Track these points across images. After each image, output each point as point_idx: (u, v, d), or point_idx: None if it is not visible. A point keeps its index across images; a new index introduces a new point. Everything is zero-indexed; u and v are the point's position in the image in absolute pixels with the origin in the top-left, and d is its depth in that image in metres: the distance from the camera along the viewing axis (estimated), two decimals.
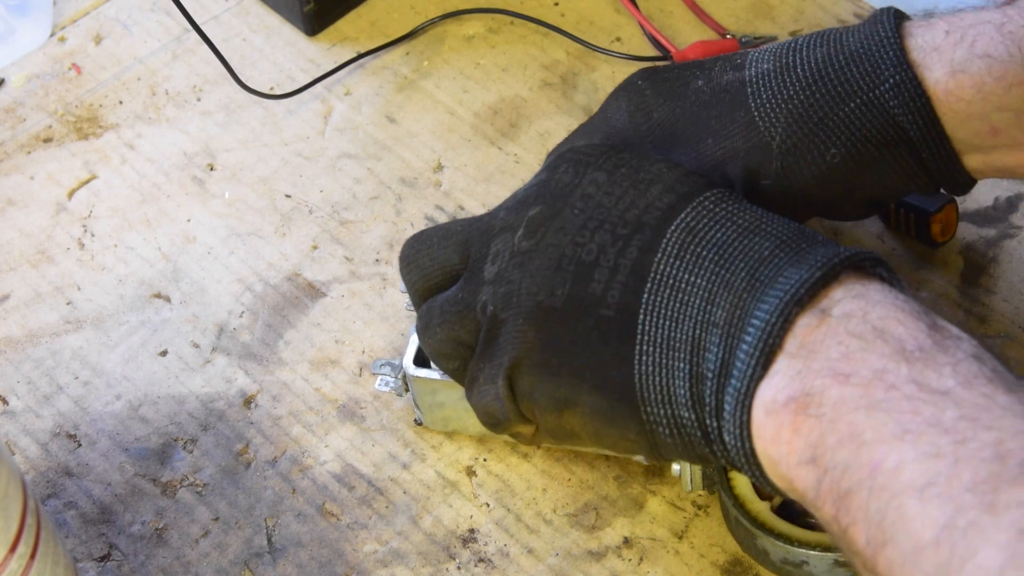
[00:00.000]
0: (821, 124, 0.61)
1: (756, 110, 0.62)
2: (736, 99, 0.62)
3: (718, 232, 0.55)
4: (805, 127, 0.61)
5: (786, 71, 0.62)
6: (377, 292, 0.76)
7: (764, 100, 0.62)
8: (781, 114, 0.61)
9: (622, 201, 0.57)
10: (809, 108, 0.61)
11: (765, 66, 0.62)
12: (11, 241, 0.79)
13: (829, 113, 0.61)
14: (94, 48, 0.88)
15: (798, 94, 0.61)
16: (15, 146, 0.83)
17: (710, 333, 0.53)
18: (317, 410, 0.71)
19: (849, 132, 0.60)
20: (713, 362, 0.53)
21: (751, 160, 0.61)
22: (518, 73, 0.85)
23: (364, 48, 0.86)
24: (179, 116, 0.84)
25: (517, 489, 0.68)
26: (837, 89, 0.61)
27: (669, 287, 0.54)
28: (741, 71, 0.63)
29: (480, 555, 0.66)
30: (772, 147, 0.61)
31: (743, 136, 0.62)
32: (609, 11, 0.87)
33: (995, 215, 0.76)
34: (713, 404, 0.53)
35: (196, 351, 0.74)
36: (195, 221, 0.79)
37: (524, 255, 0.57)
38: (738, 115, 0.62)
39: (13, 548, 0.57)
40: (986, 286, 0.73)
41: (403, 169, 0.81)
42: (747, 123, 0.62)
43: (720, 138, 0.62)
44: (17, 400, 0.73)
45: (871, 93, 0.60)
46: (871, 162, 0.61)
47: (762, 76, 0.62)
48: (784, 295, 0.51)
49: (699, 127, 0.63)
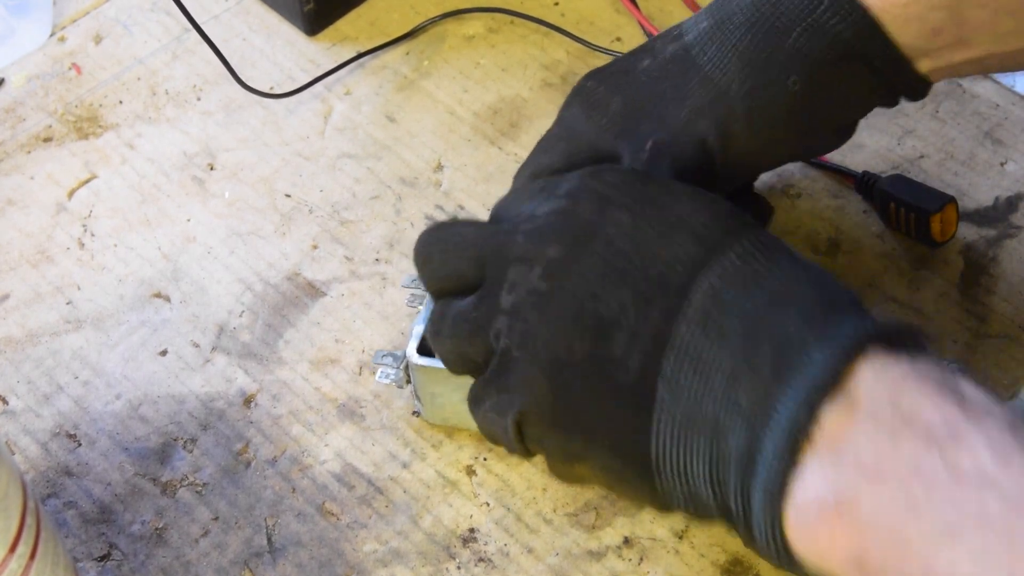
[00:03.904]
0: (771, 58, 0.61)
1: (708, 66, 0.62)
2: (685, 64, 0.63)
3: (744, 301, 0.52)
4: (758, 65, 0.62)
5: (723, 21, 0.63)
6: (377, 291, 0.76)
7: (712, 55, 0.62)
8: (732, 62, 0.62)
9: (646, 251, 0.54)
10: (755, 47, 0.62)
11: (703, 25, 0.63)
12: (11, 241, 0.79)
13: (776, 47, 0.61)
14: (94, 48, 0.88)
15: (742, 39, 0.62)
16: (15, 146, 0.83)
17: (733, 416, 0.51)
18: (317, 409, 0.71)
19: (800, 59, 0.61)
20: (736, 448, 0.51)
21: (716, 111, 0.62)
22: (518, 73, 0.85)
23: (364, 48, 0.86)
24: (179, 116, 0.84)
25: (517, 488, 0.68)
26: (776, 23, 0.62)
27: (691, 360, 0.52)
28: (682, 39, 0.64)
29: (480, 555, 0.66)
30: (731, 92, 0.62)
31: (701, 92, 0.62)
32: (609, 11, 0.87)
33: (995, 215, 0.76)
34: (738, 489, 0.51)
35: (196, 351, 0.74)
36: (195, 221, 0.79)
37: (542, 296, 0.55)
38: (691, 76, 0.63)
39: (13, 548, 0.57)
40: (986, 286, 0.73)
41: (403, 169, 0.81)
42: (702, 80, 0.62)
43: (680, 101, 0.62)
44: (17, 400, 0.73)
45: (809, 18, 0.61)
46: (830, 82, 0.62)
47: (703, 35, 0.63)
48: (811, 383, 0.49)
49: (657, 99, 0.63)
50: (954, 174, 0.77)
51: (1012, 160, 0.78)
